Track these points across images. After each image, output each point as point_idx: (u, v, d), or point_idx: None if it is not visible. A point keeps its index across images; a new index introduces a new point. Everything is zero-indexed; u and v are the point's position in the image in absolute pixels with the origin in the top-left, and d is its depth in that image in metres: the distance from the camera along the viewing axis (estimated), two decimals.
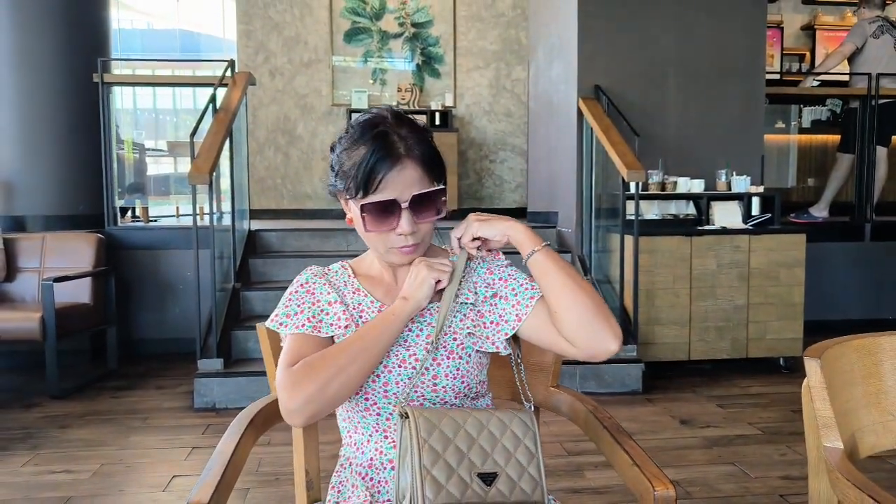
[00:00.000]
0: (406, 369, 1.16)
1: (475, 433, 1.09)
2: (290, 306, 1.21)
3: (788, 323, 4.11)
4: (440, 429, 1.07)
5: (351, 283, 1.25)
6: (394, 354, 1.16)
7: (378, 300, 1.23)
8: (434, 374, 1.16)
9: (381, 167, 1.10)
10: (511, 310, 1.19)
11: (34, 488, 2.60)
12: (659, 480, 1.05)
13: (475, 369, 1.20)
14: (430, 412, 1.09)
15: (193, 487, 1.05)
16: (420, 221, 1.14)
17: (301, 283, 1.24)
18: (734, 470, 2.76)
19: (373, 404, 1.17)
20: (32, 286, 4.15)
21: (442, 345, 1.17)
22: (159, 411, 3.51)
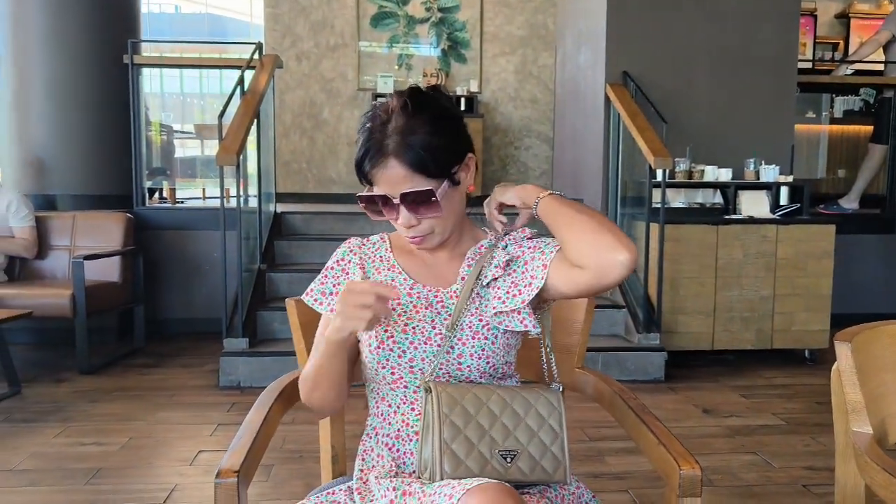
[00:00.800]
0: (431, 347, 1.16)
1: (498, 410, 1.09)
2: (325, 283, 1.24)
3: (815, 314, 4.06)
4: (462, 405, 1.08)
5: (387, 259, 1.25)
6: (419, 331, 1.16)
7: (412, 278, 1.22)
8: (459, 353, 1.16)
9: (368, 163, 1.13)
10: (538, 265, 1.15)
11: (65, 459, 2.66)
12: (685, 460, 1.05)
13: (501, 350, 1.19)
14: (454, 388, 1.10)
15: (224, 456, 1.07)
16: (420, 216, 1.14)
17: (337, 260, 1.26)
18: (757, 459, 2.74)
19: (399, 378, 1.18)
20: (63, 264, 4.23)
21: (467, 325, 1.17)
22: (185, 389, 3.57)
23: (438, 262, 1.24)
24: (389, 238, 1.29)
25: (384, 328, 1.17)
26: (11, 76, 4.53)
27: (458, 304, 1.17)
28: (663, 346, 3.81)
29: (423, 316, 1.18)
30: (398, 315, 1.18)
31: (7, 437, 2.87)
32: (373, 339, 1.18)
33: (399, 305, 1.19)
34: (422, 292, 1.21)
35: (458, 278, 1.22)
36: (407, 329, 1.17)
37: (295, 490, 2.42)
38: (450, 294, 1.20)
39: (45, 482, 2.46)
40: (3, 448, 2.76)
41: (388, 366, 1.17)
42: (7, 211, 4.07)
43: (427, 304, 1.19)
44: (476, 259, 1.23)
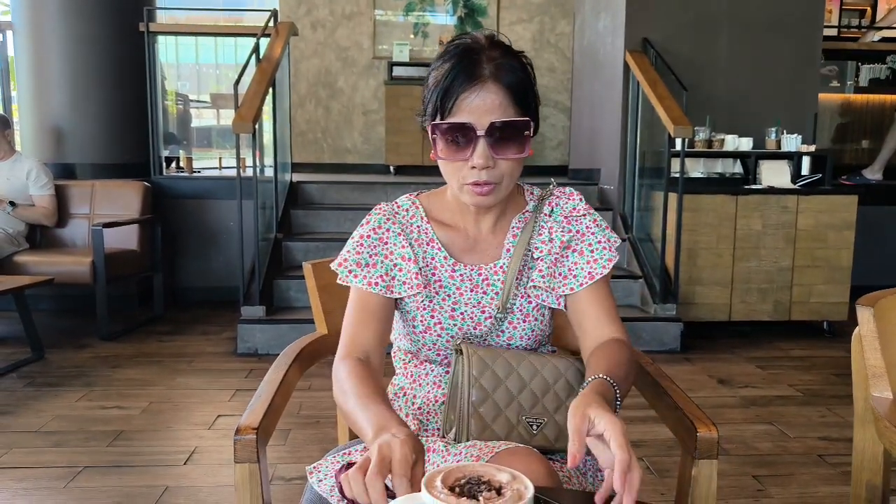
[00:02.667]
0: (481, 331, 1.14)
1: (527, 377, 1.08)
2: (361, 253, 1.13)
3: (835, 287, 4.01)
4: (493, 369, 1.07)
5: (424, 231, 1.16)
6: (468, 317, 1.13)
7: (453, 256, 1.15)
8: (509, 336, 1.14)
9: (460, 86, 1.00)
10: (584, 266, 1.13)
11: (88, 422, 2.72)
12: (702, 422, 1.05)
13: (547, 328, 1.18)
14: (485, 351, 1.09)
15: (244, 413, 1.08)
16: (499, 156, 1.02)
17: (374, 228, 1.15)
18: (772, 429, 2.74)
19: (444, 358, 1.16)
20: (83, 231, 4.27)
21: (518, 308, 1.14)
22: (204, 355, 3.62)
23: (481, 234, 1.16)
24: (422, 203, 1.19)
25: (430, 312, 1.13)
26: (27, 45, 4.53)
27: (508, 286, 1.12)
28: (680, 317, 3.80)
29: (469, 299, 1.14)
30: (442, 299, 1.14)
31: (31, 401, 2.93)
32: (417, 323, 1.14)
33: (442, 289, 1.14)
34: (465, 273, 1.14)
35: (504, 251, 1.15)
36: (455, 315, 1.13)
37: (312, 454, 2.45)
38: (494, 271, 1.14)
39: (70, 443, 2.52)
40: (27, 410, 2.82)
41: (435, 348, 1.15)
42: (27, 179, 4.10)
43: (472, 285, 1.14)
44: (522, 228, 1.16)
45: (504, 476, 0.68)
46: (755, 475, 2.35)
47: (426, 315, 1.13)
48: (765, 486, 2.28)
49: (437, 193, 1.20)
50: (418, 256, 1.14)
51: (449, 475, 0.68)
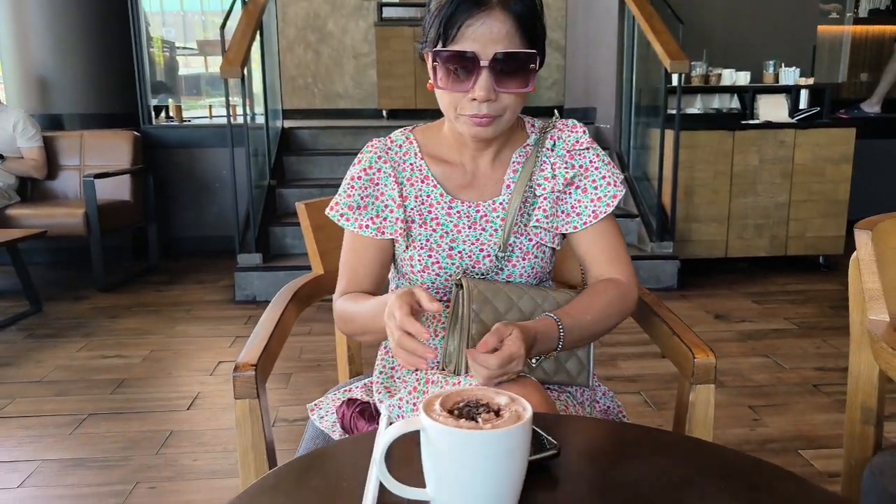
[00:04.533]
0: (480, 269, 1.12)
1: (528, 311, 1.07)
2: (352, 196, 1.11)
3: (831, 220, 4.01)
4: (493, 303, 1.06)
5: (418, 168, 1.12)
6: (467, 256, 1.11)
7: (449, 193, 1.11)
8: (508, 273, 1.12)
9: (465, 11, 0.95)
10: (588, 204, 1.11)
11: (90, 371, 2.74)
12: (699, 348, 1.05)
13: (548, 265, 1.16)
14: (486, 285, 1.06)
15: (241, 351, 1.08)
16: (501, 89, 0.98)
17: (364, 168, 1.12)
18: (768, 362, 2.77)
19: (444, 295, 1.14)
20: (74, 183, 4.23)
21: (518, 246, 1.11)
22: (202, 304, 3.63)
23: (479, 169, 1.12)
24: (416, 139, 1.14)
25: (427, 252, 1.10)
26: None
27: (508, 224, 1.09)
28: (676, 255, 3.80)
29: (467, 237, 1.11)
30: (440, 237, 1.11)
31: (32, 352, 2.95)
32: (415, 262, 1.11)
33: (439, 226, 1.11)
34: (462, 210, 1.11)
35: (504, 187, 1.11)
36: (453, 254, 1.11)
37: (313, 395, 2.47)
38: (493, 208, 1.11)
39: (73, 392, 2.54)
40: (29, 361, 2.84)
41: (433, 287, 1.13)
42: (14, 131, 4.03)
43: (470, 222, 1.11)
44: (522, 164, 1.12)
45: (502, 399, 0.68)
46: (751, 405, 2.39)
47: (423, 255, 1.11)
48: (760, 415, 2.32)
49: (432, 127, 1.16)
50: (409, 196, 1.11)
51: (447, 399, 0.68)
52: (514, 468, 0.65)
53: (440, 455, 0.65)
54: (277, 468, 0.75)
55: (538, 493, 0.69)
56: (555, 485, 0.71)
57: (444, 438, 0.63)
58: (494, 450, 0.63)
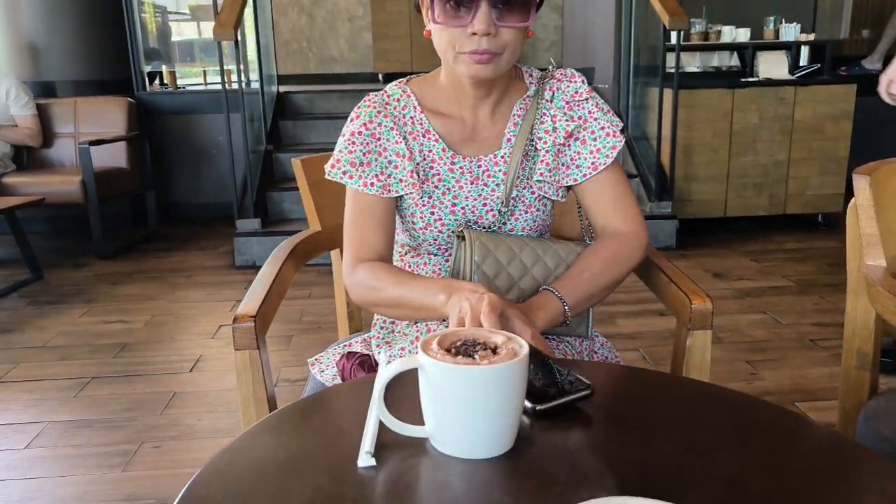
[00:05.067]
0: (483, 223, 1.11)
1: (529, 263, 1.07)
2: (354, 152, 1.07)
3: (830, 178, 4.00)
4: (495, 255, 1.06)
5: (419, 122, 1.09)
6: (470, 211, 1.10)
7: (451, 147, 1.09)
8: (511, 227, 1.12)
9: None
10: (588, 156, 1.10)
11: (92, 336, 2.75)
12: (696, 295, 1.06)
13: (549, 218, 1.16)
14: (488, 237, 1.07)
15: (241, 303, 1.09)
16: (502, 23, 0.96)
17: (364, 123, 1.08)
18: (766, 318, 2.79)
19: (445, 251, 1.14)
20: (69, 151, 4.20)
21: (520, 200, 1.11)
22: (202, 269, 3.63)
23: (479, 122, 1.10)
24: (414, 92, 1.11)
25: (429, 209, 1.09)
26: None
27: (510, 178, 1.08)
28: (675, 215, 3.80)
29: (469, 192, 1.09)
30: (442, 193, 1.09)
31: (35, 318, 2.96)
32: (417, 219, 1.10)
33: (441, 182, 1.09)
34: (464, 165, 1.09)
35: (504, 140, 1.10)
36: (455, 210, 1.09)
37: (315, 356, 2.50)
38: (495, 162, 1.09)
39: (76, 357, 2.56)
40: (32, 327, 2.85)
41: (436, 244, 1.12)
42: (7, 99, 4.00)
43: (472, 177, 1.09)
44: (522, 116, 1.10)
45: (499, 338, 0.69)
46: (748, 360, 2.41)
47: (426, 211, 1.10)
48: (757, 369, 2.34)
49: (429, 79, 1.13)
50: (413, 151, 1.08)
51: (445, 338, 0.68)
52: (511, 404, 0.66)
53: (438, 392, 0.65)
54: (279, 410, 0.76)
55: (573, 431, 0.70)
56: (588, 423, 0.73)
57: (441, 375, 0.64)
58: (491, 385, 0.64)
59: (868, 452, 0.69)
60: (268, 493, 0.60)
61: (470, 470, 0.64)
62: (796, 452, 0.69)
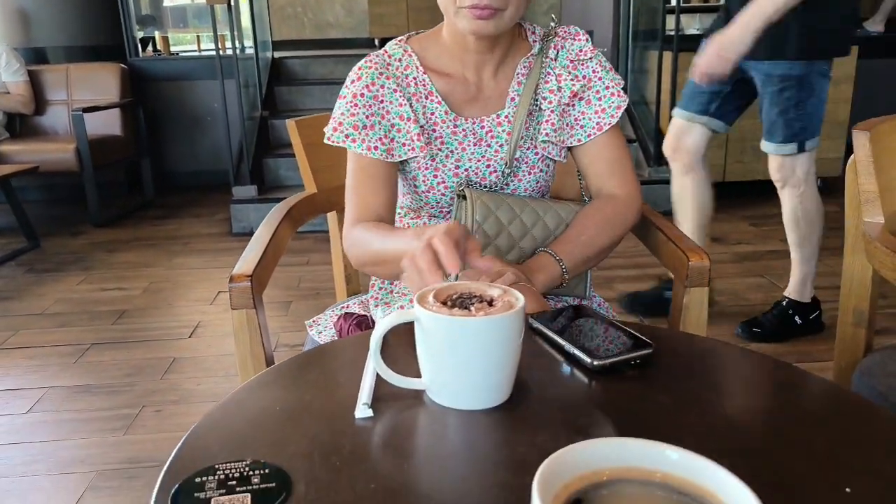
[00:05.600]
0: (485, 185, 1.10)
1: (530, 223, 1.07)
2: (357, 115, 1.04)
3: (830, 142, 3.97)
4: (496, 214, 1.05)
5: (422, 83, 1.07)
6: (473, 173, 1.09)
7: (454, 109, 1.07)
8: (514, 188, 1.11)
9: None
10: (592, 116, 1.09)
11: (90, 303, 2.76)
12: (694, 252, 1.05)
13: (551, 178, 1.15)
14: (489, 197, 1.06)
15: (237, 264, 1.08)
16: None
17: (366, 85, 1.05)
18: (763, 282, 2.79)
19: (447, 214, 1.13)
20: (63, 119, 4.16)
21: (524, 161, 1.10)
22: (199, 237, 3.63)
23: (482, 81, 1.08)
24: (415, 50, 1.09)
25: (432, 171, 1.08)
26: None
27: (514, 138, 1.07)
28: None
29: (472, 154, 1.08)
30: (445, 156, 1.08)
31: (32, 286, 2.96)
32: (419, 183, 1.09)
33: (444, 145, 1.08)
34: (467, 127, 1.08)
35: (508, 100, 1.09)
36: (459, 172, 1.08)
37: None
38: (498, 122, 1.08)
39: (74, 323, 2.56)
40: (29, 295, 2.85)
41: (438, 206, 1.12)
42: None
43: (476, 139, 1.08)
44: (526, 75, 1.09)
45: (495, 291, 0.68)
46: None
47: (429, 175, 1.09)
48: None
49: (429, 36, 1.11)
50: (418, 114, 1.06)
51: (441, 292, 0.68)
52: (506, 355, 0.66)
53: (433, 345, 0.65)
54: (276, 365, 0.76)
55: (568, 382, 0.70)
56: (584, 375, 0.73)
57: (436, 327, 0.64)
58: (486, 337, 0.64)
59: (864, 401, 0.70)
60: (264, 443, 0.60)
61: (466, 420, 0.64)
62: (792, 401, 0.69)
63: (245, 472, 0.56)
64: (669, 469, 0.41)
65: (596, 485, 0.40)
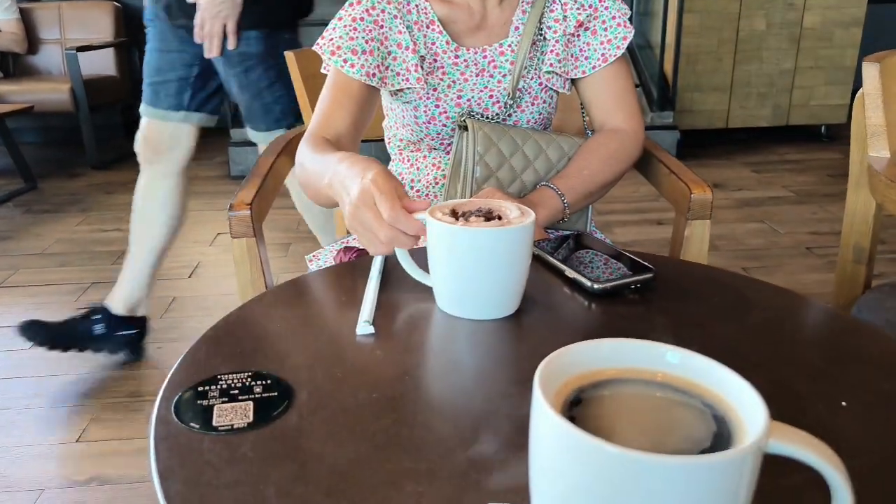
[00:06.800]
0: (488, 116, 1.08)
1: (532, 156, 1.06)
2: (355, 39, 1.00)
3: (836, 88, 3.92)
4: (498, 146, 1.04)
5: (423, 11, 1.04)
6: (476, 103, 1.07)
7: (455, 39, 1.05)
8: (516, 120, 1.09)
9: None
10: (598, 47, 1.07)
11: (89, 243, 2.75)
12: (697, 184, 1.04)
13: (554, 110, 1.13)
14: (491, 127, 1.04)
15: (236, 193, 1.07)
16: None
17: (367, 9, 1.02)
18: (763, 227, 2.79)
19: (448, 145, 1.11)
20: (56, 59, 4.09)
21: (527, 91, 1.08)
22: (197, 179, 3.60)
23: (486, 9, 1.06)
24: None
25: (434, 102, 1.05)
26: None
27: (518, 68, 1.05)
28: (676, 125, 3.74)
29: (474, 85, 1.06)
30: (447, 86, 1.05)
31: (32, 226, 2.96)
32: (420, 113, 1.07)
33: (445, 76, 1.05)
34: (469, 58, 1.05)
35: (512, 28, 1.07)
36: (461, 103, 1.06)
37: None
38: (501, 51, 1.06)
39: (74, 263, 2.57)
40: (28, 235, 2.85)
41: (439, 138, 1.10)
42: None
43: (478, 70, 1.06)
44: (531, 3, 1.06)
45: (507, 205, 0.69)
46: (744, 267, 2.42)
47: (430, 105, 1.07)
48: (752, 275, 2.35)
49: None
50: (418, 43, 1.03)
51: (455, 207, 0.68)
52: (513, 267, 0.66)
53: (441, 254, 0.66)
54: (277, 285, 0.76)
55: (574, 301, 0.70)
56: (590, 296, 0.73)
57: (444, 236, 0.65)
58: (497, 248, 0.65)
59: (862, 324, 0.70)
60: (266, 356, 0.60)
61: (468, 334, 0.65)
62: (792, 324, 0.70)
63: (247, 382, 0.56)
64: (670, 370, 0.41)
65: (596, 384, 0.40)
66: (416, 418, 0.51)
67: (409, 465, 0.46)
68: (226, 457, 0.47)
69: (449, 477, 0.45)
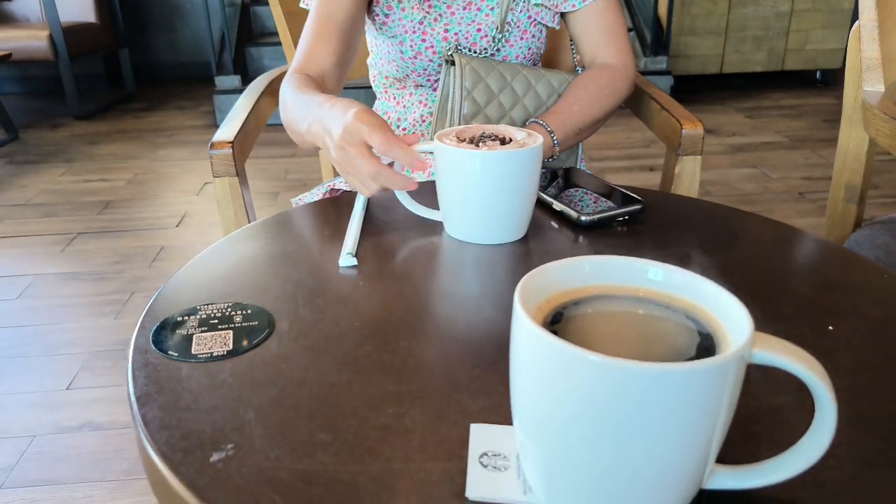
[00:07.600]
0: (475, 51, 1.05)
1: (521, 92, 1.03)
2: None
3: (833, 32, 3.85)
4: (486, 82, 1.02)
5: None
6: (463, 37, 1.04)
7: None
8: (505, 55, 1.07)
9: None
10: None
11: (74, 194, 2.72)
12: (688, 120, 1.03)
13: (543, 45, 1.11)
14: (479, 62, 1.01)
15: (217, 132, 1.05)
16: None
17: None
18: (756, 172, 2.78)
19: (435, 81, 1.08)
20: (34, 4, 3.96)
21: (515, 24, 1.05)
22: (183, 129, 3.54)
23: None
24: None
25: (420, 36, 1.03)
26: None
27: (503, 8, 1.02)
28: (670, 70, 3.69)
29: (462, 18, 1.04)
30: (434, 19, 1.03)
31: (14, 177, 2.91)
32: (406, 48, 1.04)
33: (432, 9, 1.02)
34: None
35: None
36: (448, 37, 1.04)
37: None
38: None
39: (60, 214, 2.53)
40: (12, 186, 2.81)
41: (425, 74, 1.07)
42: None
43: (465, 3, 1.04)
44: None
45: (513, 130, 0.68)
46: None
47: (416, 39, 1.04)
48: None
49: None
50: None
51: (464, 131, 0.67)
52: (518, 191, 0.66)
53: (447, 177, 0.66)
54: (260, 220, 0.74)
55: (573, 230, 0.69)
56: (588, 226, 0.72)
57: (468, 163, 0.64)
58: (518, 169, 0.65)
59: (852, 254, 0.69)
60: (247, 287, 0.59)
61: (454, 265, 0.64)
62: (783, 254, 0.69)
63: (227, 312, 0.55)
64: (653, 286, 0.40)
65: (578, 301, 0.39)
66: (399, 344, 0.51)
67: (391, 388, 0.45)
68: (205, 383, 0.46)
69: (431, 398, 0.44)
